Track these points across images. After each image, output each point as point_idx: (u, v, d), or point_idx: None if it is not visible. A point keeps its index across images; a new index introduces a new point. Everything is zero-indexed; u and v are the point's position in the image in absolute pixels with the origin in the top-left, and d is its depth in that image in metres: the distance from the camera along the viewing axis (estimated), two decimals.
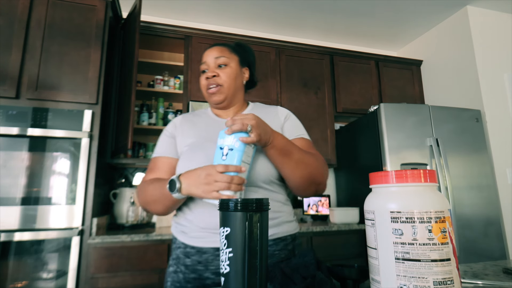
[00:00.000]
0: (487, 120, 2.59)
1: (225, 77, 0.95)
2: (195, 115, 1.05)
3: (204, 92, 0.98)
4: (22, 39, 1.87)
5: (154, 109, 2.60)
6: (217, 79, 0.95)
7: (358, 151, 2.64)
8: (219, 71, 0.95)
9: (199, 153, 0.88)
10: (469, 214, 2.29)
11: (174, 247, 0.92)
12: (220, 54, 0.96)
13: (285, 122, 0.99)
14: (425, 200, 0.49)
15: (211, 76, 0.94)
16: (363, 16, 2.96)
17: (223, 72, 0.95)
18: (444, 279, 0.45)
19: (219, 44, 1.00)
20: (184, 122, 1.01)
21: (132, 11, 2.27)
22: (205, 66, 0.97)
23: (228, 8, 2.77)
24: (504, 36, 2.86)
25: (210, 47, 0.99)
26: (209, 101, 0.99)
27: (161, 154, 0.97)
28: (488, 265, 0.87)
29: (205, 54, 0.98)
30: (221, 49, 0.98)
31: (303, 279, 0.67)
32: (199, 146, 0.90)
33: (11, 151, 1.74)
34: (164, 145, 0.98)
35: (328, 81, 2.90)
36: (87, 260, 1.77)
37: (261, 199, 0.52)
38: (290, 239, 0.92)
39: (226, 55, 0.97)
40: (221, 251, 0.51)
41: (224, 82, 0.95)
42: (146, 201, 0.90)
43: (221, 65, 0.96)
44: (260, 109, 1.04)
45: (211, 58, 0.96)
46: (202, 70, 0.99)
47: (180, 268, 0.87)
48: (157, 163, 0.97)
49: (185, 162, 0.89)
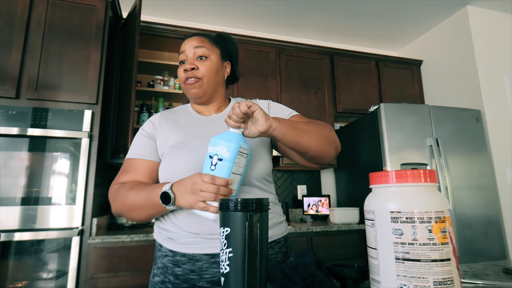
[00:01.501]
0: (487, 120, 2.59)
1: (205, 70, 0.88)
2: (174, 112, 0.97)
3: (182, 85, 0.91)
4: (22, 39, 1.87)
5: (154, 109, 2.59)
6: (196, 72, 0.87)
7: (358, 151, 2.64)
8: (198, 63, 0.88)
9: (184, 152, 0.83)
10: (469, 214, 2.29)
11: (160, 255, 0.85)
12: (200, 44, 0.89)
13: (269, 111, 0.95)
14: (425, 200, 0.49)
15: (190, 68, 0.87)
16: (363, 16, 2.96)
17: (203, 65, 0.88)
18: (444, 279, 0.45)
19: (200, 34, 0.93)
20: (163, 120, 0.93)
21: (132, 11, 2.27)
22: (183, 57, 0.90)
23: (228, 8, 2.77)
24: (504, 36, 2.86)
25: (190, 36, 0.91)
26: (187, 95, 0.92)
27: (138, 156, 0.89)
28: (488, 265, 0.87)
29: (184, 43, 0.90)
30: (201, 39, 0.90)
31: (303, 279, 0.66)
32: (183, 145, 0.85)
33: (11, 151, 1.74)
34: (141, 146, 0.90)
35: (328, 81, 2.90)
36: (87, 260, 1.77)
37: (261, 199, 0.52)
38: (283, 240, 0.89)
39: (207, 46, 0.89)
40: (221, 251, 0.51)
41: (204, 76, 0.88)
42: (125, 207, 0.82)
43: (201, 57, 0.88)
44: None
45: (190, 48, 0.89)
46: (180, 60, 0.91)
47: (169, 278, 0.80)
48: (134, 164, 0.89)
49: (169, 163, 0.83)
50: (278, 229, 0.88)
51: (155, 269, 0.86)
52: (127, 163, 0.90)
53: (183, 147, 0.84)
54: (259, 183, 0.86)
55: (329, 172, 3.12)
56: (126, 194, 0.81)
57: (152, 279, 0.85)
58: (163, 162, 0.86)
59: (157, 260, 0.86)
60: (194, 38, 0.90)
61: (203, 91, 0.89)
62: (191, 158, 0.81)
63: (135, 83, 2.02)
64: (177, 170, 0.81)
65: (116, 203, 0.85)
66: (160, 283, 0.81)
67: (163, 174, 0.84)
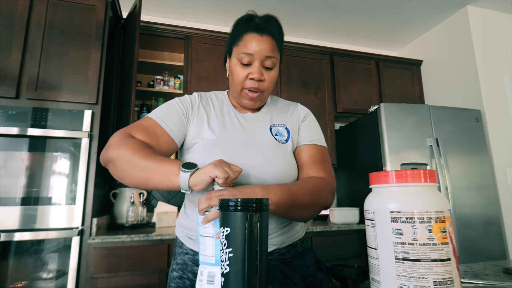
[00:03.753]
0: (487, 120, 2.59)
1: (270, 83, 0.83)
2: (213, 99, 0.91)
3: (236, 87, 0.83)
4: (22, 39, 1.87)
5: (154, 109, 2.59)
6: (261, 84, 0.82)
7: (358, 151, 2.64)
8: (265, 74, 0.81)
9: (216, 150, 0.79)
10: (469, 214, 2.29)
11: (180, 251, 0.85)
12: (271, 54, 0.80)
13: (302, 122, 0.91)
14: (425, 200, 0.49)
15: (258, 79, 0.80)
16: (363, 16, 2.96)
17: (269, 76, 0.82)
18: (444, 279, 0.45)
19: (271, 35, 0.81)
20: (202, 105, 0.88)
21: (132, 11, 2.27)
22: (249, 59, 0.80)
23: (228, 8, 2.77)
24: (504, 36, 2.86)
25: (261, 35, 0.80)
26: (239, 100, 0.86)
27: (166, 127, 0.80)
28: (488, 265, 0.87)
29: (254, 44, 0.79)
30: (273, 45, 0.81)
31: (303, 279, 0.66)
32: (216, 143, 0.81)
33: (11, 151, 1.74)
34: (173, 119, 0.82)
35: (328, 81, 2.90)
36: (87, 260, 1.77)
37: (261, 199, 0.52)
38: (299, 243, 0.88)
39: (275, 55, 0.82)
40: (221, 251, 0.51)
41: (267, 89, 0.84)
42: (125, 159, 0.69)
43: (269, 67, 0.82)
44: (279, 104, 0.95)
45: (260, 54, 0.79)
46: (243, 61, 0.80)
47: (187, 275, 0.82)
48: (156, 131, 0.79)
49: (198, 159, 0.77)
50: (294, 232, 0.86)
51: (174, 264, 0.86)
52: (150, 123, 0.80)
53: (216, 145, 0.80)
54: None
55: None
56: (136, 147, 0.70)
57: (171, 274, 0.86)
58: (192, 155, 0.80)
59: (176, 256, 0.87)
60: (266, 41, 0.80)
61: (260, 103, 0.87)
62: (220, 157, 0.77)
63: (135, 83, 2.02)
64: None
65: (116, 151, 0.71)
66: (178, 278, 0.83)
67: None
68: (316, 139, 0.90)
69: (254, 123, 0.88)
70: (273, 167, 0.80)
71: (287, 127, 0.89)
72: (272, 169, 0.80)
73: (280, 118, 0.91)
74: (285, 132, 0.88)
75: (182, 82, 2.58)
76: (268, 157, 0.81)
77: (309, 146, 0.88)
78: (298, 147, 0.89)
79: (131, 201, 2.29)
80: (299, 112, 0.93)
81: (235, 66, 0.82)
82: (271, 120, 0.89)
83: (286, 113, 0.93)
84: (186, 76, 2.48)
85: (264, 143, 0.84)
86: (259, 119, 0.90)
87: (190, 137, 0.84)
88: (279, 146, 0.85)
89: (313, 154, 0.87)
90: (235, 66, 0.82)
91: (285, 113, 0.93)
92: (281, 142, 0.86)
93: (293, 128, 0.90)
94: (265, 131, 0.87)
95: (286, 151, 0.85)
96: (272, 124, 0.89)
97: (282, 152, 0.84)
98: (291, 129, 0.89)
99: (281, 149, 0.85)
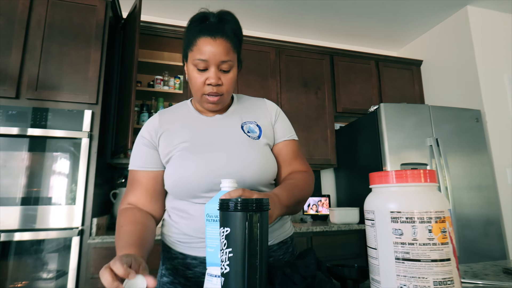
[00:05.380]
0: (487, 120, 2.59)
1: (229, 85, 0.83)
2: (175, 112, 0.92)
3: (196, 92, 0.83)
4: (22, 39, 1.87)
5: (154, 109, 2.59)
6: (220, 88, 0.81)
7: (358, 151, 2.64)
8: (223, 78, 0.81)
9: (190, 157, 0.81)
10: (469, 214, 2.29)
11: (168, 256, 0.85)
12: (226, 58, 0.79)
13: (276, 121, 0.92)
14: (425, 200, 0.49)
15: (215, 84, 0.80)
16: (363, 16, 2.96)
17: (227, 79, 0.82)
18: (444, 279, 0.45)
19: (224, 36, 0.80)
20: (164, 123, 0.89)
21: (132, 11, 2.27)
22: (204, 65, 0.79)
23: (228, 8, 2.75)
24: (504, 36, 2.86)
25: (213, 38, 0.78)
26: (202, 105, 0.86)
27: (140, 167, 0.87)
28: (488, 265, 0.87)
29: (207, 49, 0.78)
30: (227, 48, 0.80)
31: (303, 279, 0.66)
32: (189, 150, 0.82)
33: (11, 151, 1.74)
34: (142, 156, 0.87)
35: (328, 81, 2.90)
36: (87, 260, 1.77)
37: (261, 199, 0.52)
38: (290, 240, 0.90)
39: (231, 58, 0.81)
40: (221, 251, 0.51)
41: (227, 91, 0.83)
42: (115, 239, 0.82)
43: (225, 70, 0.81)
44: (246, 102, 0.96)
45: (214, 59, 0.79)
46: (199, 67, 0.80)
47: (179, 280, 0.81)
48: (137, 178, 0.87)
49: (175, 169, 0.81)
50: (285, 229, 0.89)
51: (163, 270, 0.86)
52: (131, 175, 0.89)
53: (190, 152, 0.82)
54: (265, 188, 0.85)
55: (329, 172, 3.12)
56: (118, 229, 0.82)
57: (160, 279, 0.85)
58: (169, 168, 0.83)
59: (165, 261, 0.87)
60: (219, 45, 0.79)
61: (222, 105, 0.87)
62: (199, 164, 0.79)
63: (135, 83, 2.02)
64: (183, 175, 0.80)
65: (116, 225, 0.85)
66: (169, 283, 0.82)
67: (170, 179, 0.82)
68: (292, 134, 0.94)
69: (224, 123, 0.88)
70: (251, 163, 0.81)
71: (258, 123, 0.90)
72: (250, 166, 0.80)
73: (250, 116, 0.91)
74: (257, 129, 0.89)
75: (182, 82, 2.58)
76: (244, 154, 0.82)
77: (288, 142, 0.92)
78: (278, 143, 0.91)
79: None
80: (269, 109, 0.94)
81: (192, 72, 0.82)
82: (241, 119, 0.90)
83: (255, 110, 0.93)
84: None
85: (237, 141, 0.84)
86: (228, 119, 0.90)
87: (163, 154, 0.86)
88: (253, 142, 0.85)
89: (293, 150, 0.93)
90: (192, 72, 0.82)
91: (254, 110, 0.93)
92: (254, 139, 0.86)
93: (264, 124, 0.90)
94: (236, 130, 0.87)
95: (261, 147, 0.85)
96: (243, 122, 0.89)
97: (257, 148, 0.84)
98: (263, 125, 0.90)
99: (256, 144, 0.85)
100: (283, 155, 0.91)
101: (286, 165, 0.90)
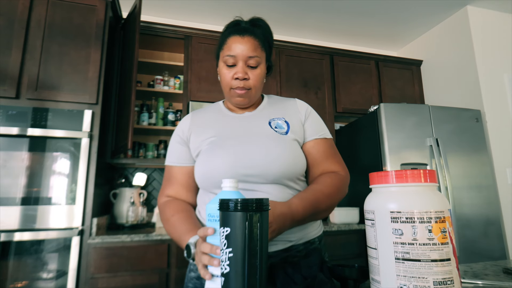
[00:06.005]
0: (487, 120, 2.59)
1: (256, 80, 0.86)
2: (207, 111, 0.97)
3: (225, 88, 0.88)
4: (22, 39, 1.87)
5: (154, 109, 2.59)
6: (247, 82, 0.85)
7: (358, 151, 2.64)
8: (250, 73, 0.86)
9: (218, 150, 0.83)
10: (469, 214, 2.28)
11: None
12: (253, 54, 0.84)
13: (306, 120, 0.93)
14: (425, 200, 0.49)
15: (242, 78, 0.84)
16: (363, 16, 2.96)
17: (254, 75, 0.86)
18: (444, 279, 0.45)
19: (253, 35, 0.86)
20: (195, 121, 0.94)
21: (132, 11, 2.27)
22: (233, 61, 0.85)
23: (228, 8, 2.77)
24: (504, 36, 2.86)
25: (242, 36, 0.85)
26: (230, 100, 0.91)
27: (174, 163, 0.93)
28: (488, 265, 0.87)
29: (236, 46, 0.84)
30: (255, 45, 0.85)
31: (304, 279, 0.67)
32: (217, 144, 0.85)
33: (11, 151, 1.74)
34: (176, 153, 0.93)
35: (328, 81, 2.90)
36: (87, 260, 1.77)
37: (261, 199, 0.52)
38: (317, 241, 0.87)
39: (259, 54, 0.86)
40: (221, 251, 0.51)
41: (254, 86, 0.87)
42: (166, 230, 0.88)
43: (253, 66, 0.86)
44: (277, 103, 0.97)
45: (242, 55, 0.84)
46: (228, 63, 0.86)
47: None
48: (173, 173, 0.93)
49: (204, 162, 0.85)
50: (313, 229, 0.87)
51: (191, 265, 0.88)
52: (167, 171, 0.95)
53: (217, 146, 0.85)
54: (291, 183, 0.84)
55: None
56: (168, 219, 0.86)
57: (188, 274, 0.87)
58: (198, 161, 0.87)
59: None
60: (247, 43, 0.84)
61: (250, 101, 0.90)
62: (226, 156, 0.81)
63: (135, 83, 2.02)
64: (211, 168, 0.82)
65: (161, 218, 0.90)
66: (196, 278, 0.83)
67: (199, 172, 0.86)
68: (324, 133, 0.93)
69: (252, 119, 0.91)
70: (276, 157, 0.81)
71: (286, 120, 0.91)
72: (276, 160, 0.81)
73: (279, 113, 0.93)
74: (285, 125, 0.90)
75: (182, 82, 2.58)
76: (270, 148, 0.83)
77: (319, 141, 0.91)
78: (308, 142, 0.91)
79: (131, 201, 2.29)
80: (299, 108, 0.95)
81: (222, 69, 0.88)
82: (269, 116, 0.91)
83: (284, 108, 0.94)
84: (186, 76, 2.48)
85: (264, 136, 0.86)
86: (257, 116, 0.92)
87: (193, 149, 0.90)
88: (279, 137, 0.86)
89: (325, 149, 0.90)
90: (222, 68, 0.88)
91: (283, 108, 0.94)
92: (281, 134, 0.87)
93: (293, 122, 0.91)
94: (264, 125, 0.89)
95: (288, 142, 0.86)
96: (271, 119, 0.90)
97: (284, 143, 0.85)
98: (291, 123, 0.90)
99: (282, 139, 0.86)
100: (313, 154, 0.90)
101: (316, 165, 0.89)
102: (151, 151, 2.55)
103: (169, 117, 2.54)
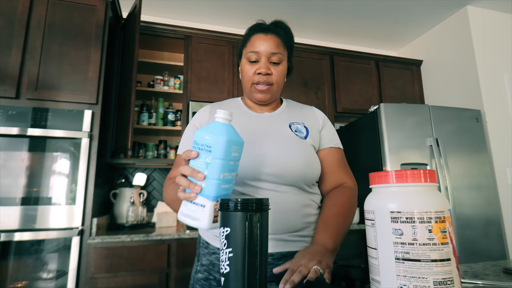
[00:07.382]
0: (487, 120, 2.59)
1: (278, 76, 0.88)
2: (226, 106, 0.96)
3: (246, 83, 0.89)
4: (22, 39, 1.87)
5: (154, 109, 2.60)
6: (269, 78, 0.87)
7: (358, 151, 2.64)
8: (272, 69, 0.87)
9: None
10: (469, 214, 2.28)
11: (206, 252, 0.85)
12: (276, 50, 0.86)
13: (323, 128, 0.95)
14: (425, 200, 0.49)
15: (265, 73, 0.85)
16: (363, 16, 2.96)
17: (277, 71, 0.87)
18: (444, 279, 0.45)
19: (276, 33, 0.88)
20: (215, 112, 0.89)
21: (132, 11, 2.27)
22: (256, 57, 0.86)
23: (228, 8, 2.77)
24: (504, 36, 2.86)
25: (265, 34, 0.87)
26: (250, 96, 0.91)
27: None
28: (488, 265, 0.87)
29: (259, 42, 0.86)
30: (278, 43, 0.87)
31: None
32: None
33: (11, 151, 1.74)
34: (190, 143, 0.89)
35: (328, 81, 2.90)
36: (87, 260, 1.77)
37: (261, 199, 0.52)
38: None
39: (281, 51, 0.87)
40: (221, 251, 0.51)
41: (276, 82, 0.88)
42: (166, 200, 0.86)
43: (275, 62, 0.87)
44: (296, 108, 0.98)
45: (266, 51, 0.85)
46: (251, 59, 0.87)
47: (214, 275, 0.81)
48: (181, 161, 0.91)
49: None
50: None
51: (198, 266, 0.87)
52: (177, 159, 0.92)
53: None
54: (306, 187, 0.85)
55: None
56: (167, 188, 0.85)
57: (195, 275, 0.86)
58: None
59: (201, 257, 0.87)
60: (270, 40, 0.86)
61: (272, 97, 0.90)
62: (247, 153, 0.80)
63: (135, 83, 2.02)
64: None
65: (163, 197, 0.89)
66: (203, 280, 0.83)
67: None
68: (337, 142, 0.96)
69: (272, 120, 0.92)
70: (296, 159, 0.83)
71: (305, 125, 0.92)
72: (295, 161, 0.82)
73: (298, 118, 0.94)
74: (304, 130, 0.91)
75: (182, 82, 2.58)
76: (291, 149, 0.84)
77: (333, 150, 0.94)
78: (323, 149, 0.93)
79: (131, 201, 2.29)
80: (317, 116, 0.97)
81: (245, 65, 0.89)
82: (289, 119, 0.92)
83: (303, 114, 0.96)
84: (186, 76, 2.48)
85: (285, 137, 0.87)
86: (277, 117, 0.93)
87: None
88: (300, 141, 0.87)
89: (338, 158, 0.94)
90: (245, 64, 0.89)
91: (302, 113, 0.96)
92: (301, 138, 0.88)
93: (312, 128, 0.92)
94: (285, 128, 0.89)
95: (307, 146, 0.87)
96: (291, 122, 0.92)
97: (303, 146, 0.86)
98: (310, 129, 0.92)
99: (302, 143, 0.87)
100: (327, 161, 0.92)
101: (330, 172, 0.92)
102: (151, 151, 2.55)
103: (169, 117, 2.54)
